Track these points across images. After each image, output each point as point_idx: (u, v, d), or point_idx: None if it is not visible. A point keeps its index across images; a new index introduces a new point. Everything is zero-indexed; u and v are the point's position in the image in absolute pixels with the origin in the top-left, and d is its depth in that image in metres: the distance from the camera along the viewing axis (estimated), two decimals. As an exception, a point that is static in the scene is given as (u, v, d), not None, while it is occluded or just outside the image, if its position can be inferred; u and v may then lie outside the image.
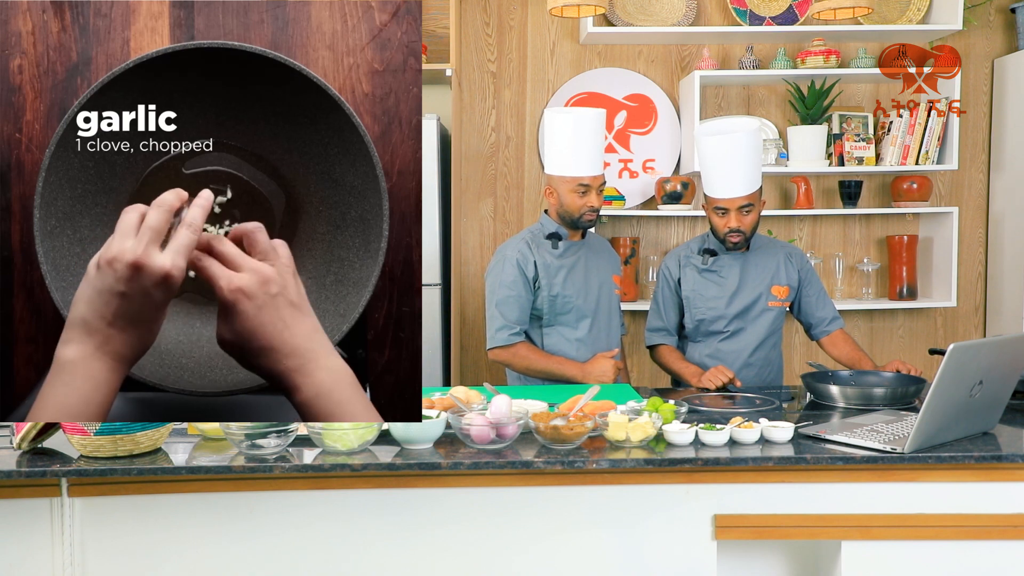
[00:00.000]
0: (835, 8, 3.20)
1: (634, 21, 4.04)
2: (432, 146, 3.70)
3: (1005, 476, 2.03)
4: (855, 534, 2.05)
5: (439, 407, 2.20)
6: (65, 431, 1.97)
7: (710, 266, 2.94)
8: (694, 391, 2.73)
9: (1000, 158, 4.15)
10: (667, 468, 2.00)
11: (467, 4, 4.11)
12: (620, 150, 4.18)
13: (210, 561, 2.00)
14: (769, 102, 4.18)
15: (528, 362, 2.83)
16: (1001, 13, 4.17)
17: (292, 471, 1.96)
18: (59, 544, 1.97)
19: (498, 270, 2.90)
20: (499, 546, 2.04)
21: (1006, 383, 2.14)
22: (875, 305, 4.10)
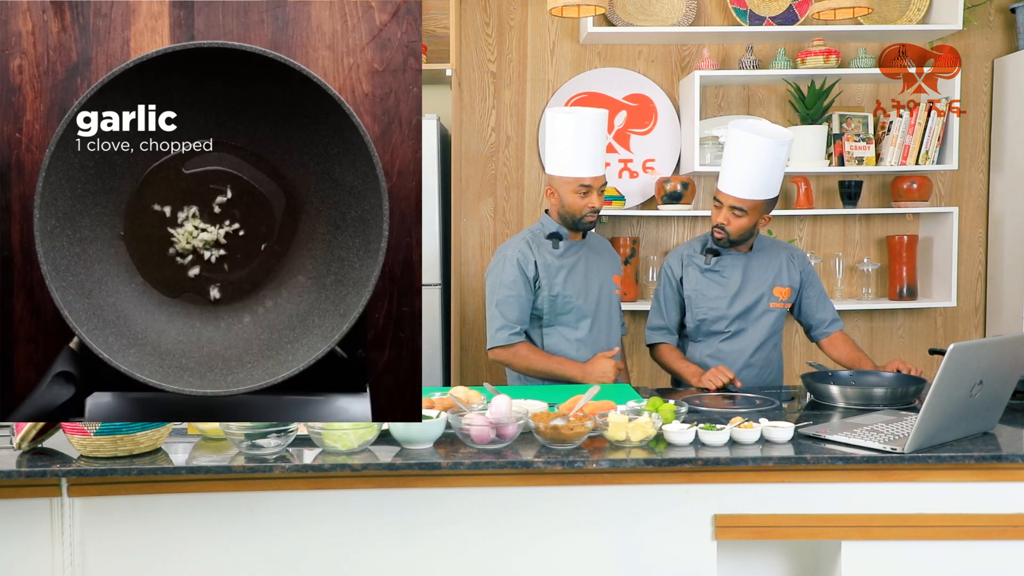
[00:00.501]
0: (835, 8, 3.20)
1: (634, 21, 4.04)
2: (432, 146, 3.70)
3: (1005, 476, 2.03)
4: (855, 534, 2.05)
5: (439, 407, 2.20)
6: (65, 431, 1.97)
7: (712, 266, 2.93)
8: (694, 391, 2.73)
9: (1000, 158, 4.15)
10: (667, 468, 2.00)
11: (467, 4, 4.11)
12: (620, 150, 4.18)
13: (210, 561, 2.00)
14: (769, 102, 4.18)
15: (528, 362, 2.83)
16: (1001, 13, 4.17)
17: (292, 471, 1.95)
18: (59, 544, 1.97)
19: (498, 270, 2.90)
20: (499, 546, 2.04)
21: (1006, 383, 2.14)
22: (875, 305, 4.10)
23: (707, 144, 3.96)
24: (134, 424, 1.92)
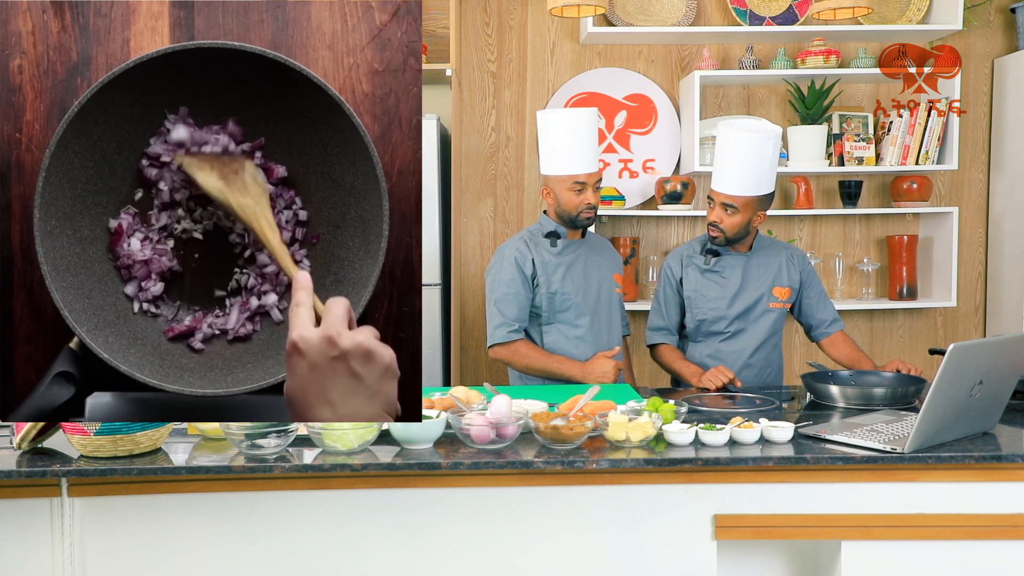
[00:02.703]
0: (835, 8, 3.20)
1: (634, 21, 4.04)
2: (432, 146, 3.70)
3: (1005, 476, 2.03)
4: (855, 534, 2.05)
5: (439, 407, 2.20)
6: (65, 431, 1.97)
7: (712, 266, 2.93)
8: (694, 391, 2.73)
9: (1000, 158, 4.15)
10: (667, 468, 2.00)
11: (467, 4, 4.11)
12: (620, 150, 4.18)
13: (210, 561, 2.00)
14: (769, 102, 4.18)
15: (528, 360, 2.83)
16: (1001, 13, 4.17)
17: (292, 471, 1.95)
18: (59, 544, 1.97)
19: (497, 268, 2.91)
20: (499, 546, 2.04)
21: (1006, 383, 2.14)
22: (875, 305, 4.10)
23: (707, 144, 3.96)
24: (134, 424, 1.92)
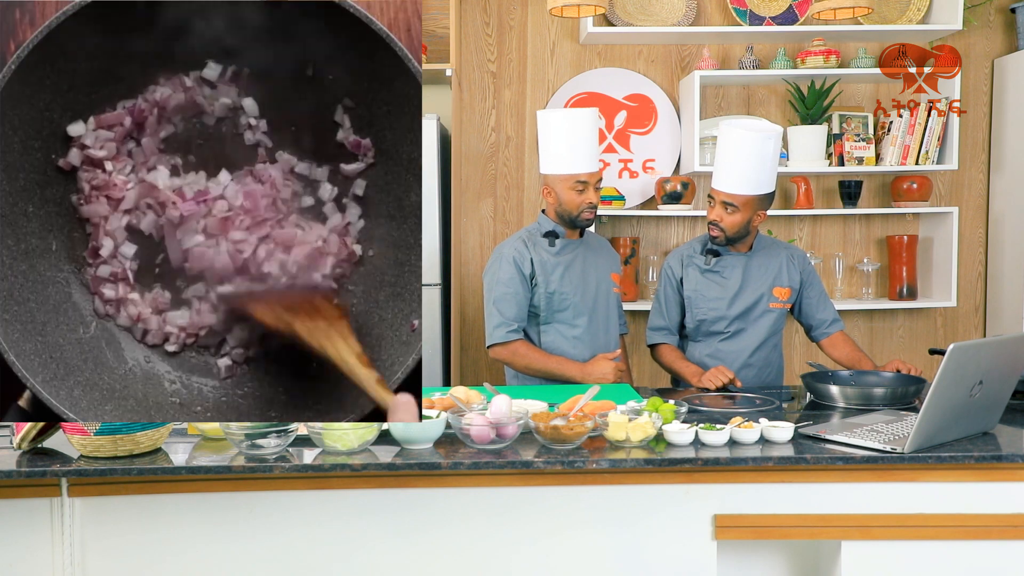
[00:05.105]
0: (835, 8, 3.20)
1: (634, 21, 4.04)
2: (432, 146, 3.70)
3: (1005, 476, 2.03)
4: (855, 534, 2.05)
5: (439, 407, 2.20)
6: (65, 431, 1.97)
7: (712, 266, 2.93)
8: (694, 391, 2.73)
9: (1000, 158, 4.15)
10: (667, 468, 2.00)
11: (467, 4, 4.11)
12: (620, 150, 4.18)
13: (210, 561, 2.00)
14: (769, 102, 4.18)
15: (528, 360, 2.83)
16: (1001, 13, 4.17)
17: (292, 471, 1.95)
18: (59, 544, 1.97)
19: (495, 268, 2.91)
20: (499, 546, 2.04)
21: (1006, 383, 2.14)
22: (875, 305, 4.10)
23: (707, 144, 3.96)
24: (134, 424, 1.92)
